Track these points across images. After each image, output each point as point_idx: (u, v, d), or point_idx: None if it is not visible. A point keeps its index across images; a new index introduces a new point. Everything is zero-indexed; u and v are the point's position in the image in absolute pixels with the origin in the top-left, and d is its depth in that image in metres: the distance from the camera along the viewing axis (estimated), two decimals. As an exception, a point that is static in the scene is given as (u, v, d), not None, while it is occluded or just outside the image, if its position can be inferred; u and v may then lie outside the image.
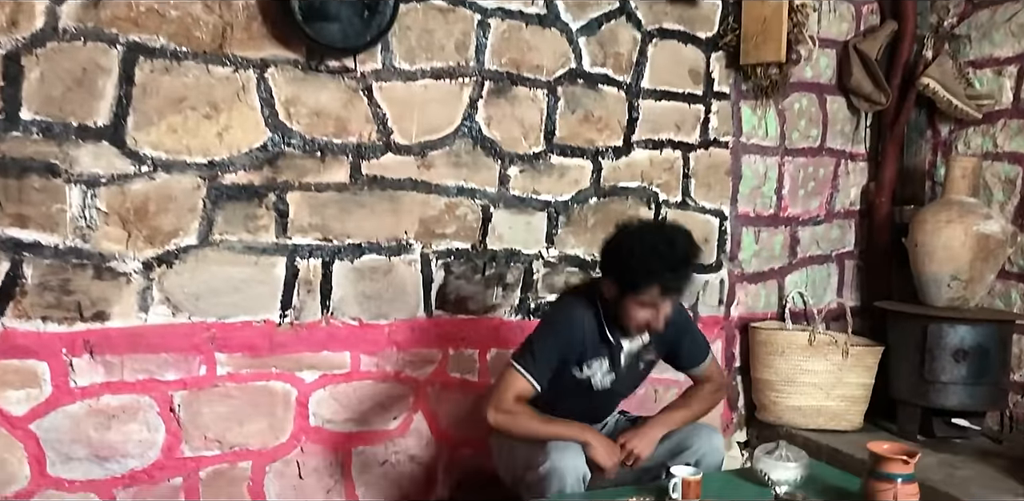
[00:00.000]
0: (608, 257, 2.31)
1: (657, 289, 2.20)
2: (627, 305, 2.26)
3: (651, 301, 2.23)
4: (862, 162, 3.80)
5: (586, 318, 2.34)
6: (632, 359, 2.44)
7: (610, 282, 2.29)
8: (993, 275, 3.33)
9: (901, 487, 2.03)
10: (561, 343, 2.32)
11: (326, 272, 2.71)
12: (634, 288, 2.22)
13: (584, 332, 2.34)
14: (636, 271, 2.20)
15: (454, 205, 2.88)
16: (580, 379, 2.38)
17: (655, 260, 2.18)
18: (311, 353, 2.71)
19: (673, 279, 2.22)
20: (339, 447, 2.78)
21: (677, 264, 2.22)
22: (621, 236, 2.31)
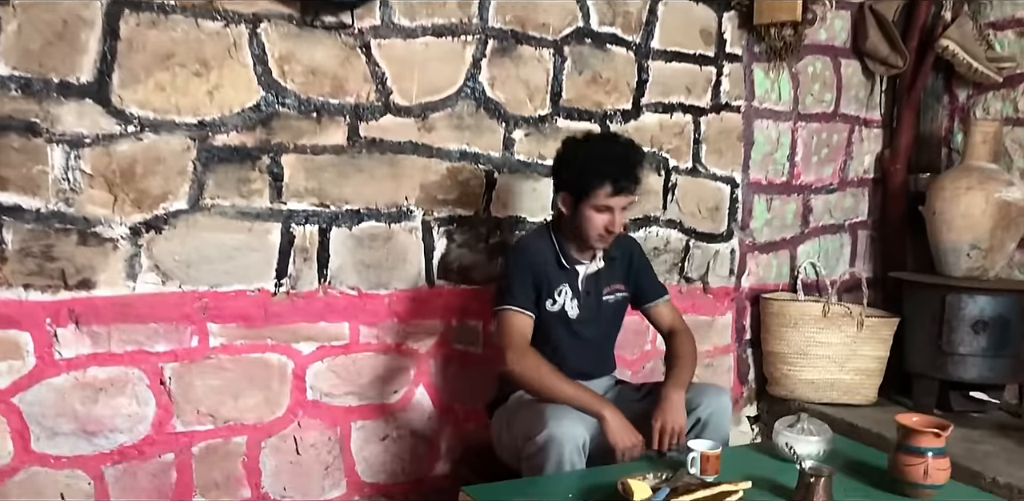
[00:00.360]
0: (558, 169, 2.38)
1: (608, 187, 2.24)
2: (583, 214, 2.30)
3: (604, 203, 2.26)
4: (876, 129, 3.68)
5: (542, 249, 2.39)
6: (592, 286, 2.43)
7: (564, 195, 2.34)
8: (1014, 244, 3.22)
9: (932, 461, 1.94)
10: (528, 273, 2.35)
11: (323, 239, 2.59)
12: (585, 191, 2.26)
13: (544, 262, 2.37)
14: (584, 173, 2.26)
15: (456, 170, 2.76)
16: (555, 313, 2.39)
17: (600, 158, 2.26)
18: (308, 324, 2.59)
19: (621, 175, 2.25)
20: (338, 422, 2.67)
21: (621, 160, 2.27)
22: (566, 146, 2.38)
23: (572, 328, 2.42)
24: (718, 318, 3.35)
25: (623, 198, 2.28)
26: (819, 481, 1.87)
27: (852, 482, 2.05)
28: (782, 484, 1.98)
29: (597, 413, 2.17)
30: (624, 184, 2.27)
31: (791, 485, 1.93)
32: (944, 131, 3.66)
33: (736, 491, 1.75)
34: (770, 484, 1.99)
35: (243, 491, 2.54)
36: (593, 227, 2.30)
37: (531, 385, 2.24)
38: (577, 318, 2.42)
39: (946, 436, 1.94)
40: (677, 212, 3.20)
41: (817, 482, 1.87)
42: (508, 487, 1.98)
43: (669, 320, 2.58)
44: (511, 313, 2.31)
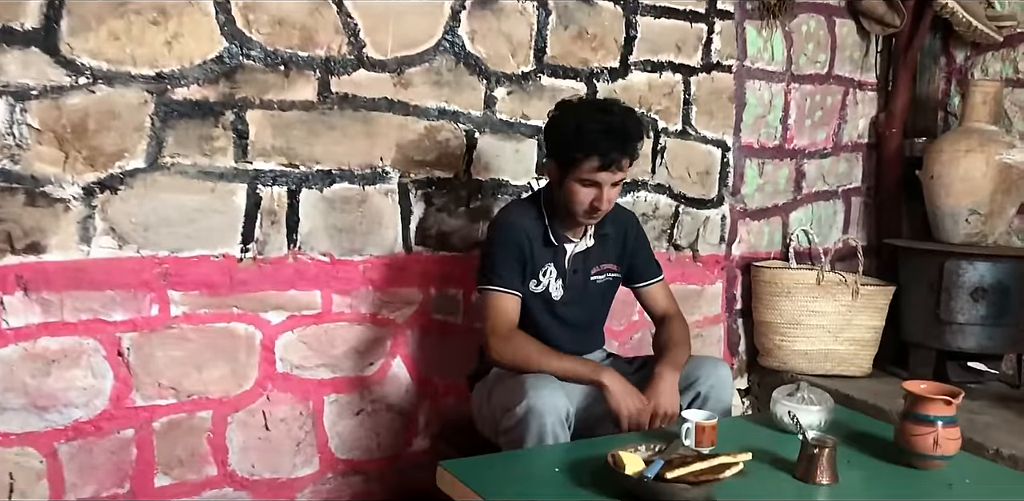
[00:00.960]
0: (547, 134, 2.23)
1: (596, 160, 2.06)
2: (569, 187, 2.13)
3: (591, 177, 2.09)
4: (871, 91, 3.54)
5: (529, 223, 2.23)
6: (579, 265, 2.29)
7: (552, 165, 2.18)
8: (1014, 209, 3.11)
9: (942, 430, 1.82)
10: (514, 250, 2.20)
11: (292, 201, 2.43)
12: (572, 162, 2.09)
13: (530, 239, 2.21)
14: (572, 142, 2.08)
15: (435, 129, 2.60)
16: (539, 293, 2.25)
17: (590, 128, 2.06)
18: (277, 292, 2.44)
19: (611, 148, 2.06)
20: (310, 395, 2.52)
21: (615, 131, 2.08)
22: (558, 110, 2.20)
23: (555, 310, 2.28)
24: (708, 287, 3.22)
25: (611, 174, 2.10)
26: (823, 452, 1.75)
27: (856, 453, 1.93)
28: (782, 456, 1.86)
29: (596, 381, 2.05)
30: (614, 158, 2.07)
31: (792, 457, 1.82)
32: (941, 94, 3.53)
33: (736, 463, 1.62)
34: (770, 456, 1.87)
35: (208, 469, 2.39)
36: (578, 202, 2.14)
37: (519, 368, 2.10)
38: (561, 299, 2.28)
39: (957, 404, 1.82)
40: (666, 176, 3.06)
41: (821, 453, 1.75)
42: (489, 461, 1.84)
43: (663, 304, 2.44)
44: (495, 295, 2.16)
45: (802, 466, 1.77)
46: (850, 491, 1.74)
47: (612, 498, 1.63)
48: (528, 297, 2.23)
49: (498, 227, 2.26)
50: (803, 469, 1.77)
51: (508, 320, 2.15)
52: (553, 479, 1.73)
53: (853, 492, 1.74)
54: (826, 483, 1.75)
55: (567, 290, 2.28)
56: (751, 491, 1.70)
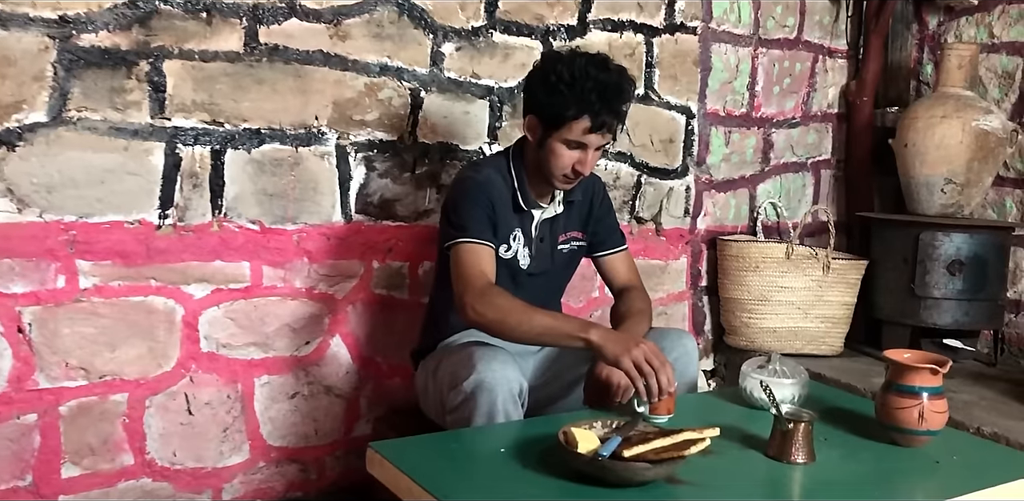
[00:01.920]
0: (531, 87, 1.98)
1: (587, 120, 1.89)
2: (550, 147, 1.95)
3: (578, 139, 1.91)
4: (841, 59, 3.39)
5: (498, 184, 2.02)
6: (546, 232, 2.11)
7: (533, 120, 1.98)
8: (991, 178, 2.96)
9: (928, 403, 1.64)
10: (486, 207, 1.98)
11: (216, 163, 2.21)
12: (560, 121, 1.90)
13: (500, 200, 2.01)
14: (564, 99, 1.88)
15: (376, 86, 2.38)
16: (507, 261, 2.05)
17: (585, 85, 1.87)
18: (200, 263, 2.21)
19: (605, 108, 1.88)
20: (238, 377, 2.30)
21: (610, 90, 1.89)
22: (547, 62, 1.97)
23: (519, 279, 2.08)
24: (672, 262, 3.04)
25: (601, 137, 1.93)
26: (798, 428, 1.57)
27: (833, 430, 1.76)
28: (753, 433, 1.68)
29: (581, 337, 1.75)
30: (606, 120, 1.90)
31: (764, 434, 1.63)
32: (913, 62, 3.39)
33: (701, 439, 1.43)
34: (740, 433, 1.69)
35: (123, 457, 2.17)
36: (559, 165, 1.95)
37: (498, 329, 1.83)
38: (528, 268, 2.09)
39: (944, 373, 1.65)
40: (628, 144, 2.87)
41: (796, 429, 1.57)
42: (425, 441, 1.64)
43: (624, 275, 2.25)
44: (467, 246, 1.91)
45: (775, 443, 1.59)
46: (828, 471, 1.56)
47: (562, 479, 1.43)
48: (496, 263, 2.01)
49: (466, 184, 2.03)
50: (776, 447, 1.59)
51: (484, 273, 1.89)
52: (497, 460, 1.53)
53: (831, 472, 1.56)
54: (802, 462, 1.57)
55: (534, 259, 2.10)
56: (719, 471, 1.52)
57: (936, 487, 1.53)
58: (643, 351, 1.69)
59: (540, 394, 2.07)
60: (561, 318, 1.86)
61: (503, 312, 1.81)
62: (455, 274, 1.91)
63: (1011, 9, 3.08)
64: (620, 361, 1.69)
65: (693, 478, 1.46)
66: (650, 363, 1.68)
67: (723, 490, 1.45)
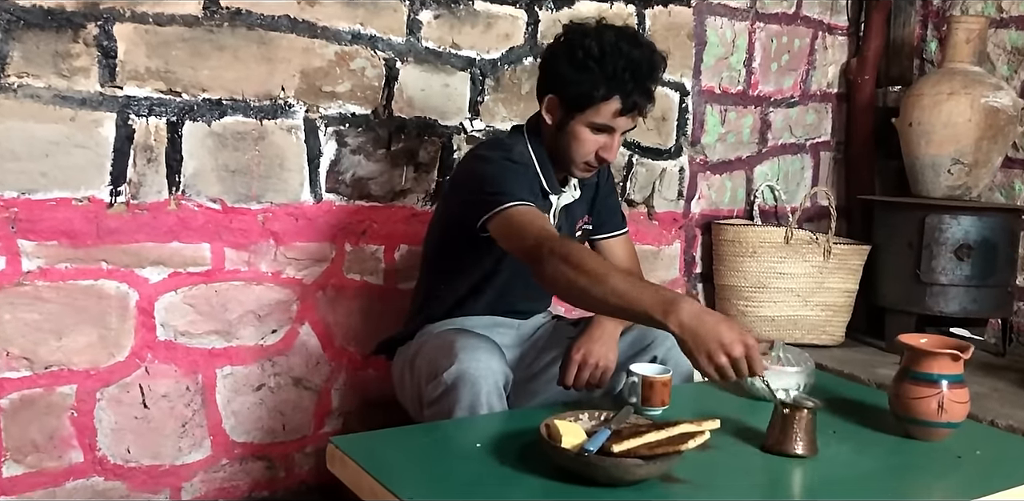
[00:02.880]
0: (554, 64, 1.78)
1: (617, 102, 1.70)
2: (573, 131, 1.76)
3: (606, 122, 1.73)
4: (842, 36, 3.23)
5: (526, 162, 1.81)
6: (563, 220, 1.94)
7: (554, 101, 1.78)
8: (1001, 158, 2.81)
9: (948, 392, 1.49)
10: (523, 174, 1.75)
11: (173, 136, 2.04)
12: (588, 102, 1.71)
13: (531, 177, 1.79)
14: (593, 77, 1.69)
15: (348, 55, 2.22)
16: None
17: (617, 63, 1.68)
18: (156, 244, 2.04)
19: (638, 89, 1.71)
20: (198, 368, 2.13)
21: (643, 68, 1.72)
22: (572, 35, 1.77)
23: None
24: (664, 248, 2.88)
25: (630, 120, 1.76)
26: (798, 414, 1.42)
27: (843, 422, 1.60)
28: (755, 427, 1.52)
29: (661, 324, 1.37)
30: (638, 101, 1.72)
31: (766, 428, 1.48)
32: (917, 39, 3.23)
33: (700, 432, 1.28)
34: (740, 427, 1.53)
35: (72, 454, 2.00)
36: (582, 151, 1.78)
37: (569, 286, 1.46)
38: None
39: (965, 359, 1.49)
40: (617, 122, 2.71)
41: (795, 415, 1.41)
42: (391, 436, 1.47)
43: (623, 260, 2.08)
44: (519, 208, 1.62)
45: (774, 433, 1.44)
46: (838, 466, 1.41)
47: (544, 478, 1.27)
48: None
49: (492, 153, 1.79)
50: (775, 437, 1.43)
51: (548, 228, 1.60)
52: (471, 455, 1.37)
53: (841, 467, 1.41)
54: (802, 453, 1.41)
55: None
56: (718, 467, 1.37)
57: (958, 485, 1.38)
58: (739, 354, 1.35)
59: (527, 386, 1.92)
60: (640, 286, 1.44)
61: (577, 268, 1.45)
62: (516, 235, 1.60)
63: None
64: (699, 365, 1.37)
65: (690, 476, 1.31)
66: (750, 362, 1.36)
67: (723, 489, 1.30)
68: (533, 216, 1.62)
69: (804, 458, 1.41)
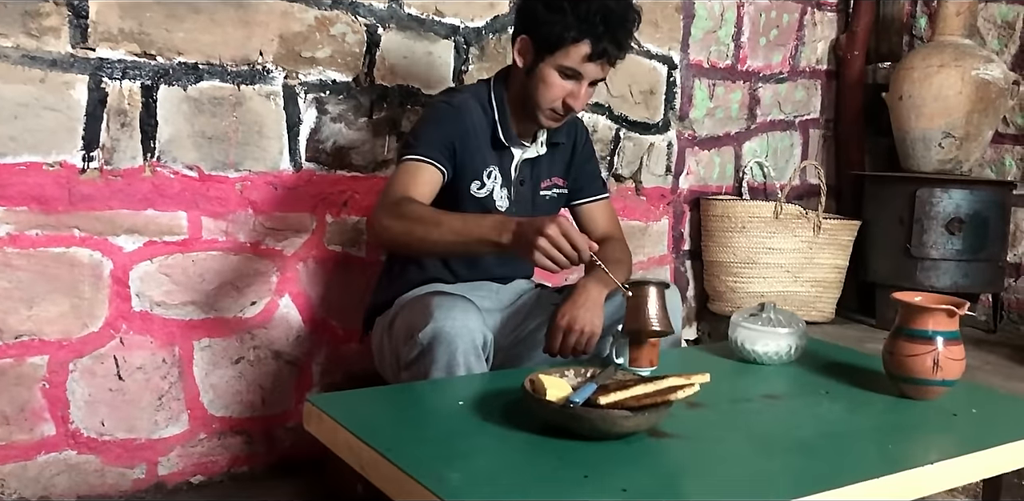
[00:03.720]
0: (528, 5, 1.79)
1: (587, 45, 1.70)
2: (542, 74, 1.75)
3: (575, 66, 1.72)
4: (831, 12, 3.20)
5: (476, 111, 1.83)
6: (527, 175, 1.92)
7: (525, 41, 1.78)
8: (991, 132, 2.78)
9: (944, 349, 1.45)
10: (451, 130, 1.77)
11: (148, 100, 1.98)
12: (558, 43, 1.71)
13: (475, 129, 1.81)
14: (565, 18, 1.69)
15: (328, 20, 2.17)
16: (480, 198, 1.85)
17: (591, 6, 1.68)
18: (130, 211, 1.99)
19: (608, 34, 1.70)
20: (175, 339, 2.08)
21: (616, 16, 1.71)
22: None
23: None
24: (653, 224, 2.84)
25: (600, 67, 1.75)
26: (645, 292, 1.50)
27: (836, 383, 1.56)
28: (746, 387, 1.49)
29: (495, 243, 1.47)
30: (609, 48, 1.71)
31: (758, 390, 1.46)
32: (906, 15, 3.20)
33: (690, 384, 1.23)
34: (730, 386, 1.52)
35: (44, 427, 1.94)
36: (549, 96, 1.76)
37: (405, 241, 1.58)
38: (507, 212, 1.87)
39: (961, 315, 1.46)
40: (605, 94, 2.67)
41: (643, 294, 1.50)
42: (370, 395, 1.43)
43: (604, 225, 2.05)
44: (408, 163, 1.71)
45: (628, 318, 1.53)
46: (829, 423, 1.37)
47: (528, 432, 1.23)
48: (467, 202, 1.82)
49: (436, 107, 1.84)
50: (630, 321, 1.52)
51: (411, 190, 1.66)
52: (454, 413, 1.32)
53: (833, 424, 1.37)
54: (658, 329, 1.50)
55: (513, 203, 1.89)
56: (709, 423, 1.32)
57: (954, 441, 1.34)
58: (554, 232, 1.38)
59: (511, 352, 1.88)
60: (475, 220, 1.53)
61: (410, 221, 1.55)
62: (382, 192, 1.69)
63: (1012, -46, 2.90)
64: (536, 261, 1.40)
65: (680, 431, 1.26)
66: (569, 238, 1.39)
67: (715, 443, 1.25)
68: (410, 175, 1.69)
69: (665, 334, 1.49)
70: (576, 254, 1.40)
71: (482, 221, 1.51)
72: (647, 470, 1.14)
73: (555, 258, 1.39)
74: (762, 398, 1.46)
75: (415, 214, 1.57)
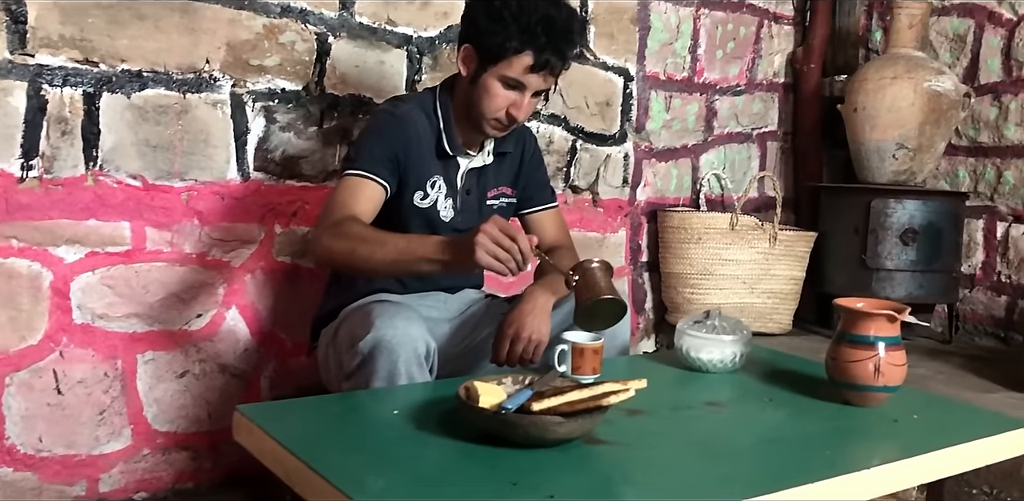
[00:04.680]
0: (472, 11, 1.77)
1: (530, 57, 1.68)
2: (486, 84, 1.73)
3: (518, 77, 1.71)
4: (788, 26, 3.22)
5: (420, 121, 1.80)
6: (473, 185, 1.89)
7: (469, 50, 1.76)
8: (944, 143, 2.80)
9: (886, 354, 1.44)
10: (393, 142, 1.75)
11: (90, 108, 1.94)
12: (501, 53, 1.69)
13: (418, 139, 1.79)
14: (508, 28, 1.67)
15: (277, 28, 2.15)
16: (424, 210, 1.83)
17: (533, 17, 1.66)
18: (71, 221, 1.94)
19: (551, 46, 1.68)
20: (118, 352, 2.03)
21: (560, 27, 1.69)
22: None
23: (439, 233, 1.81)
24: (610, 235, 2.83)
25: (543, 78, 1.73)
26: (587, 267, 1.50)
27: (780, 391, 1.55)
28: (691, 394, 1.47)
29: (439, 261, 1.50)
30: (551, 59, 1.69)
31: (702, 397, 1.44)
32: (862, 29, 3.23)
33: (625, 390, 1.21)
34: (674, 394, 1.49)
35: (-23, 443, 1.89)
36: (492, 106, 1.74)
37: (348, 261, 1.59)
38: (451, 222, 1.86)
39: (902, 319, 1.45)
40: (562, 106, 2.66)
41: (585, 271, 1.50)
42: (302, 405, 1.40)
43: (553, 234, 2.03)
44: (349, 179, 1.71)
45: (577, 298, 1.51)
46: (774, 430, 1.36)
47: (462, 441, 1.20)
48: (410, 213, 1.80)
49: (379, 117, 1.83)
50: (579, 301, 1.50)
51: (349, 206, 1.66)
52: (388, 422, 1.29)
53: (777, 431, 1.36)
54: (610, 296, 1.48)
55: (459, 213, 1.87)
56: (647, 431, 1.30)
57: (895, 446, 1.32)
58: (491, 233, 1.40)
59: (460, 362, 1.85)
60: (419, 240, 1.56)
61: (354, 241, 1.56)
62: (323, 209, 1.69)
63: (962, -31, 2.94)
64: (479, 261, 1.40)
65: (617, 438, 1.24)
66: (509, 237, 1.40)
67: (651, 450, 1.23)
68: (352, 191, 1.69)
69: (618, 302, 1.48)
70: (517, 247, 1.39)
71: (425, 240, 1.54)
72: (578, 477, 1.12)
73: (496, 254, 1.40)
74: (704, 405, 1.44)
75: (358, 234, 1.58)
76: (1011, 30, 2.82)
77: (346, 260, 1.59)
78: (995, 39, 2.86)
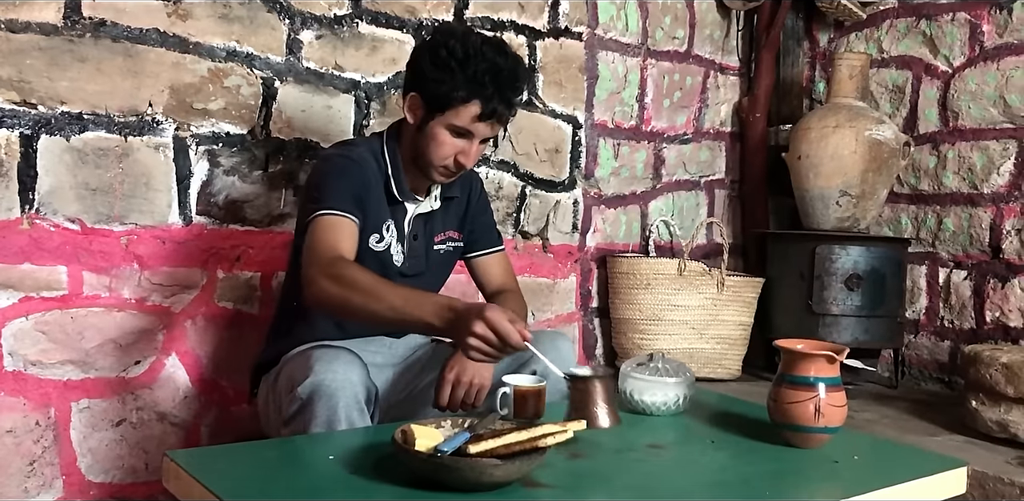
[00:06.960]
0: (418, 61, 1.75)
1: (477, 106, 1.67)
2: (433, 132, 1.72)
3: (465, 126, 1.70)
4: (734, 76, 3.30)
5: (370, 165, 1.78)
6: (420, 230, 1.88)
7: (415, 99, 1.75)
8: (886, 191, 2.86)
9: (826, 395, 1.44)
10: (354, 182, 1.73)
11: (27, 150, 1.91)
12: (447, 103, 1.68)
13: (371, 183, 1.77)
14: (454, 78, 1.66)
15: (222, 72, 2.14)
16: (378, 253, 1.80)
17: (479, 66, 1.66)
18: (5, 265, 1.89)
19: (499, 95, 1.67)
20: (51, 400, 1.97)
21: (506, 77, 1.69)
22: (440, 35, 1.75)
23: (391, 278, 1.77)
24: (560, 281, 2.83)
25: (490, 127, 1.73)
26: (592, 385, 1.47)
27: (722, 433, 1.54)
28: (630, 438, 1.45)
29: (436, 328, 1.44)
30: (498, 108, 1.70)
31: (644, 439, 1.42)
32: (806, 80, 3.32)
33: (563, 431, 1.19)
34: (615, 437, 1.45)
35: None
36: (440, 154, 1.74)
37: (341, 306, 1.54)
38: (401, 268, 1.84)
39: (841, 361, 1.45)
40: (511, 152, 2.68)
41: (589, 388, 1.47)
42: (234, 450, 1.35)
43: (499, 278, 2.02)
44: (326, 218, 1.66)
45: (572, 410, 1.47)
46: (714, 473, 1.34)
47: (396, 485, 1.17)
48: (364, 254, 1.75)
49: (335, 160, 1.78)
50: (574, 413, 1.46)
51: (338, 245, 1.63)
52: (321, 468, 1.26)
53: (718, 473, 1.34)
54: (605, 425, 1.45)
55: (407, 258, 1.85)
56: (586, 474, 1.28)
57: (834, 487, 1.32)
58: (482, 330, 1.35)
59: (404, 407, 1.82)
60: (416, 299, 1.48)
61: (349, 289, 1.50)
62: (306, 249, 1.64)
63: (898, 23, 3.03)
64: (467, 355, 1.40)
65: (556, 482, 1.21)
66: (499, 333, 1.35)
67: (589, 493, 1.21)
68: (332, 231, 1.65)
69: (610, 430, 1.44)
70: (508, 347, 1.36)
71: (423, 301, 1.46)
72: (514, 521, 1.09)
73: (487, 353, 1.37)
74: (647, 448, 1.43)
75: (355, 281, 1.52)
76: (946, 82, 2.91)
77: (339, 305, 1.53)
78: (931, 91, 2.95)
